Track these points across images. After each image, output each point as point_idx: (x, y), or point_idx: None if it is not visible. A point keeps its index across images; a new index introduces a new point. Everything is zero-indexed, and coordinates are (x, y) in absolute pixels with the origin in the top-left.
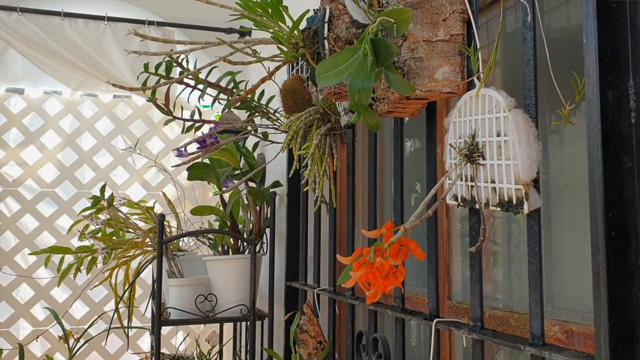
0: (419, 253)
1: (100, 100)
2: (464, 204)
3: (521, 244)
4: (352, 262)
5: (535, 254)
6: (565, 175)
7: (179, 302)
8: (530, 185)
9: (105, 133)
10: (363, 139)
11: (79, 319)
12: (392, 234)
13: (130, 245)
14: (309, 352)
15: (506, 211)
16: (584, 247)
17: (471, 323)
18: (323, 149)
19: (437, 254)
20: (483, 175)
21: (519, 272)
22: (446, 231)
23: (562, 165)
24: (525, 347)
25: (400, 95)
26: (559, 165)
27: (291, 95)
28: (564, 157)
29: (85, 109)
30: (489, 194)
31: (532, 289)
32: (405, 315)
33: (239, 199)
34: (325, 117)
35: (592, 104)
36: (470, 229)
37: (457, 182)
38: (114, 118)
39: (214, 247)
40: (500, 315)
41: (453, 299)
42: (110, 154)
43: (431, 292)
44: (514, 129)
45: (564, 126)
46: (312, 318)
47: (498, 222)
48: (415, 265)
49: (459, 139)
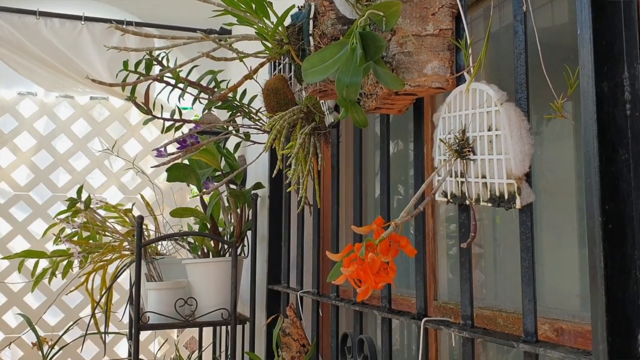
0: (410, 249)
1: (77, 101)
2: (453, 200)
3: (506, 243)
4: (342, 258)
5: (527, 250)
6: (546, 178)
7: (157, 306)
8: (522, 179)
9: (82, 135)
10: (347, 139)
11: (54, 325)
12: (383, 230)
13: (107, 249)
14: (292, 356)
15: (497, 206)
16: (568, 248)
17: (461, 321)
18: (307, 148)
19: (425, 253)
20: (474, 171)
21: (505, 271)
22: (432, 231)
23: (543, 168)
24: (518, 345)
25: (389, 91)
26: (539, 168)
27: (274, 95)
28: (543, 160)
29: (60, 110)
30: (480, 190)
31: (524, 285)
32: (393, 315)
33: (220, 201)
34: (309, 117)
35: (588, 95)
36: (459, 226)
37: (447, 178)
38: (90, 120)
39: (194, 251)
40: (488, 315)
41: (439, 299)
42: (86, 156)
43: (419, 291)
44: (506, 122)
45: (544, 129)
46: (296, 321)
47: (483, 222)
48: (398, 266)
49: (448, 134)
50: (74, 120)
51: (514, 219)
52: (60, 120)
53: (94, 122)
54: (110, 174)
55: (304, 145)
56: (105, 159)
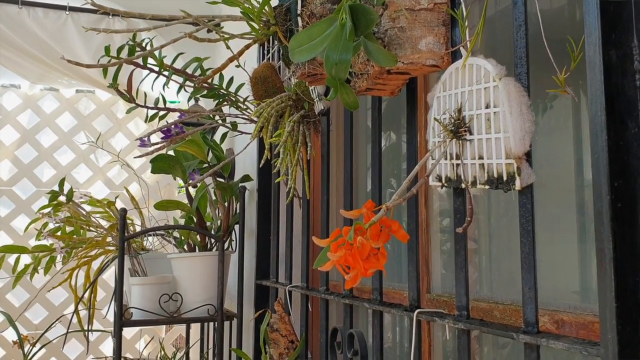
0: (402, 234)
1: (62, 94)
2: (448, 184)
3: (502, 235)
4: (329, 243)
5: (528, 234)
6: (543, 171)
7: (141, 302)
8: (522, 159)
9: (67, 129)
10: (338, 128)
11: (37, 323)
12: (373, 214)
13: (91, 244)
14: (280, 352)
15: (495, 188)
16: (568, 241)
17: (456, 312)
18: (296, 137)
19: (418, 240)
20: (470, 152)
21: (501, 262)
22: (425, 222)
23: (541, 161)
24: (518, 336)
25: (380, 69)
26: (536, 160)
27: (262, 83)
28: (537, 154)
29: (45, 103)
30: (477, 172)
31: (524, 272)
32: (384, 308)
33: (206, 194)
34: (298, 104)
35: (594, 65)
36: (454, 211)
37: (442, 161)
38: (76, 113)
39: (180, 245)
40: (484, 307)
41: (432, 292)
42: (72, 150)
43: (412, 281)
44: (505, 98)
45: (540, 120)
46: (284, 316)
47: (478, 217)
48: (390, 259)
49: (443, 114)
50: (59, 113)
51: (509, 210)
52: (44, 114)
53: (80, 116)
54: (96, 168)
55: (292, 134)
56: (91, 153)
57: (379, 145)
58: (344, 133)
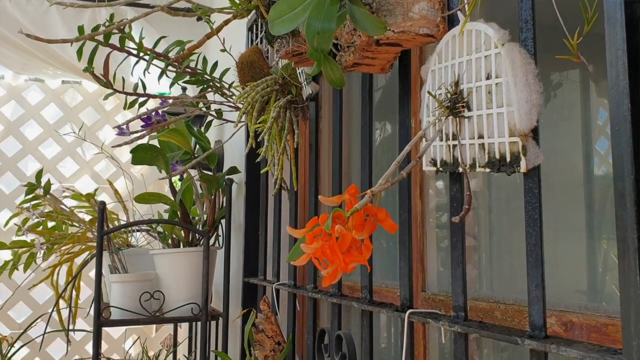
0: (390, 224)
1: (47, 85)
2: (444, 168)
3: (503, 226)
4: (305, 234)
5: (534, 223)
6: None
7: (121, 300)
8: (528, 136)
9: (53, 121)
10: (329, 115)
11: (21, 322)
12: (357, 201)
13: (71, 239)
14: (266, 355)
15: (498, 171)
16: (575, 236)
17: (452, 313)
18: (282, 123)
19: (411, 234)
20: (468, 130)
21: (503, 259)
22: (420, 215)
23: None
24: (524, 341)
25: (368, 39)
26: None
27: (248, 68)
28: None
29: (30, 94)
30: (476, 153)
31: (530, 267)
32: (374, 308)
33: (192, 187)
34: (285, 89)
35: (615, 21)
36: (451, 200)
37: (437, 143)
38: (62, 105)
39: (163, 241)
40: (484, 307)
41: (428, 290)
42: (57, 143)
43: (403, 278)
44: (509, 67)
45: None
46: (270, 316)
47: (477, 211)
48: (384, 256)
49: (438, 89)
50: (44, 105)
51: (511, 202)
52: (29, 105)
53: (66, 108)
54: (82, 162)
55: (278, 120)
56: (78, 146)
57: (370, 128)
58: (332, 118)
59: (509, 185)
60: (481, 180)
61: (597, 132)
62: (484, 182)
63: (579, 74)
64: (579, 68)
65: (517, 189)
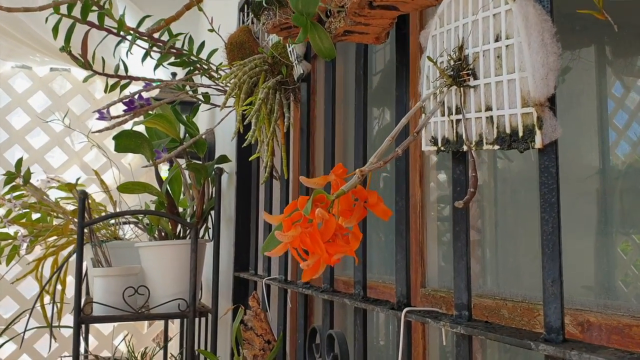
0: (382, 209)
1: (35, 73)
2: (446, 147)
3: (509, 216)
4: (282, 220)
5: (551, 207)
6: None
7: (104, 296)
8: (544, 106)
9: (40, 110)
10: (325, 97)
11: (7, 317)
12: (344, 183)
13: (54, 231)
14: (255, 354)
15: (508, 148)
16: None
17: (455, 312)
18: (271, 106)
19: (408, 223)
20: (474, 102)
21: (510, 249)
22: (420, 203)
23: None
24: (538, 345)
25: (360, 0)
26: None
27: (238, 49)
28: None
29: (17, 82)
30: (483, 128)
31: (546, 259)
32: (367, 305)
33: (180, 176)
34: (275, 69)
35: None
36: (454, 183)
37: (438, 118)
38: (50, 93)
39: (150, 233)
40: (490, 305)
41: (428, 286)
42: (45, 133)
43: (400, 272)
44: (522, 25)
45: None
46: (259, 313)
47: (481, 203)
48: (382, 248)
49: (439, 57)
50: (31, 93)
51: (519, 189)
52: (16, 93)
53: (54, 96)
54: (71, 152)
55: (266, 102)
56: (67, 136)
57: (364, 107)
58: (324, 98)
59: (516, 169)
60: (486, 172)
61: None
62: (489, 171)
63: (593, 52)
64: (593, 44)
65: (526, 173)
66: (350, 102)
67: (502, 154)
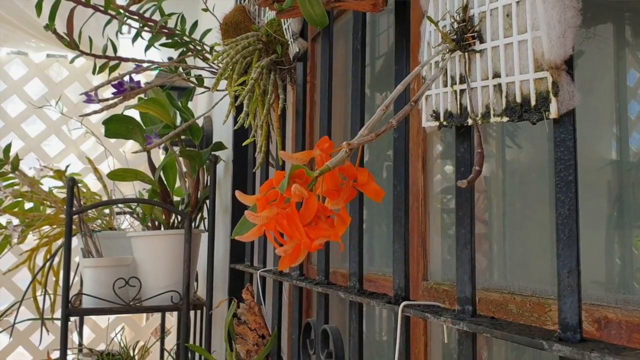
0: (374, 189)
1: (31, 59)
2: (448, 121)
3: (517, 199)
4: (256, 200)
5: (567, 187)
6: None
7: (94, 287)
8: (561, 69)
9: (37, 97)
10: (322, 77)
11: (2, 309)
12: (330, 158)
13: (45, 220)
14: (248, 349)
15: (519, 119)
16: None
17: (457, 307)
18: (265, 87)
19: (408, 210)
20: (480, 69)
21: (518, 237)
22: (422, 191)
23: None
24: (552, 345)
25: None
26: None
27: (233, 29)
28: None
29: (12, 68)
30: (490, 97)
31: (562, 246)
32: (363, 299)
33: (174, 163)
34: (269, 48)
35: None
36: (457, 162)
37: (440, 89)
38: (46, 80)
39: (143, 223)
40: (496, 299)
41: (430, 279)
42: (41, 121)
43: (398, 263)
44: None
45: None
46: (253, 306)
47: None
48: (383, 239)
49: (442, 20)
50: (27, 80)
51: (528, 172)
52: (12, 80)
53: (51, 83)
54: (68, 141)
55: (260, 82)
56: (64, 124)
57: (361, 84)
58: (321, 77)
59: (526, 158)
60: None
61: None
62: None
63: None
64: (610, 21)
65: (535, 161)
66: (346, 83)
67: (512, 141)
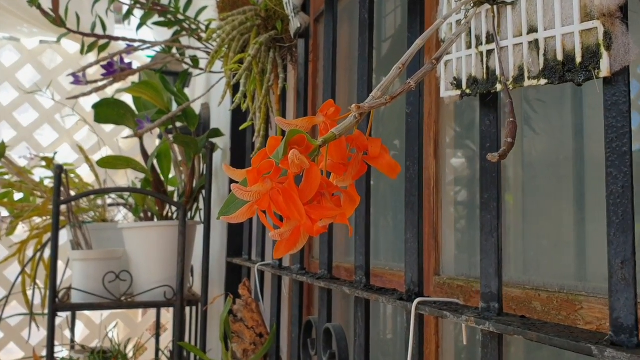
0: (387, 163)
1: (23, 45)
2: (473, 89)
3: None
4: (247, 173)
5: (621, 159)
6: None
7: (83, 281)
8: (615, 17)
9: (29, 84)
10: (325, 54)
11: None
12: (335, 124)
13: (35, 211)
14: (245, 348)
15: (560, 82)
16: None
17: (481, 304)
18: (264, 65)
19: (421, 194)
20: (512, 25)
21: (543, 225)
22: (434, 178)
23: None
24: (603, 351)
25: None
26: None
27: (231, 7)
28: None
29: (4, 55)
30: (524, 57)
31: (614, 232)
32: (371, 295)
33: (169, 151)
34: (269, 24)
35: None
36: (482, 137)
37: (463, 53)
38: (39, 67)
39: (135, 214)
40: (518, 295)
41: (442, 274)
42: (34, 109)
43: (411, 254)
44: None
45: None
46: (251, 302)
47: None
48: (391, 230)
49: None
50: (19, 66)
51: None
52: (3, 67)
53: (44, 70)
54: (62, 130)
55: (257, 60)
56: (57, 112)
57: (369, 57)
58: (324, 54)
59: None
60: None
61: None
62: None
63: None
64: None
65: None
66: (352, 67)
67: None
